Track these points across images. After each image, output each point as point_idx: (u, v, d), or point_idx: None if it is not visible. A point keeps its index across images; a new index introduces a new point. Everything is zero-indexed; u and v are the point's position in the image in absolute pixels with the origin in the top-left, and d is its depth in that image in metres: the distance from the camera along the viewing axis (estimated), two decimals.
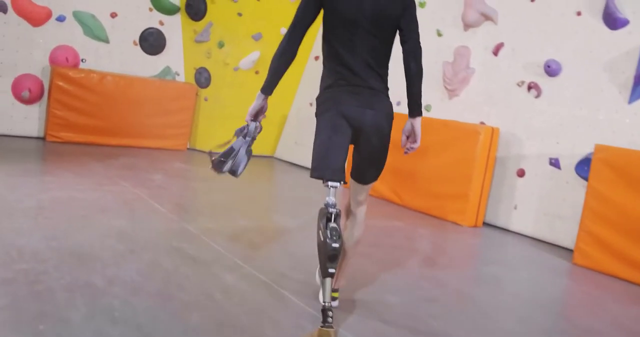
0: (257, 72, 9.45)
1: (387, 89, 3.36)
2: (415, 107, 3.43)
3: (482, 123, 7.04)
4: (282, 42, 3.22)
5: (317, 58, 9.29)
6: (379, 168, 3.35)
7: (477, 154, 6.59)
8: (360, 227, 3.45)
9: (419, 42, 3.35)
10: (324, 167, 3.14)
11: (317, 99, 3.34)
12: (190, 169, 8.21)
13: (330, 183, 3.11)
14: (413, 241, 5.61)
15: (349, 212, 3.48)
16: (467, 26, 7.31)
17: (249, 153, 3.37)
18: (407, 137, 3.45)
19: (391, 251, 5.09)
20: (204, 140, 9.75)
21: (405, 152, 3.44)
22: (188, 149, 9.77)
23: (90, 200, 5.30)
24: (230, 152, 3.32)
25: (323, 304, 2.95)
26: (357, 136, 3.21)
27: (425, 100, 7.89)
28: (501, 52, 6.97)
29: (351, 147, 3.31)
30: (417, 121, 3.42)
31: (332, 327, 2.91)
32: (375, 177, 3.39)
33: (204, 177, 7.57)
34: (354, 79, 3.18)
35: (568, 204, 6.17)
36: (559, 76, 6.39)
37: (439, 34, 7.65)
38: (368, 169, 3.34)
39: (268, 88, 3.26)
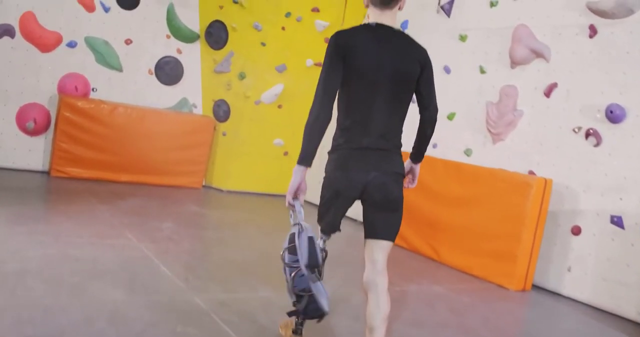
0: (279, 107, 8.78)
1: (400, 146, 3.25)
2: (418, 157, 3.51)
3: (531, 172, 6.27)
4: (313, 107, 3.07)
5: None
6: (389, 224, 3.23)
7: (527, 208, 5.80)
8: (385, 298, 3.14)
9: (437, 108, 3.36)
10: (324, 225, 3.30)
11: (328, 154, 3.25)
12: (205, 213, 7.49)
13: (323, 236, 3.31)
14: (460, 314, 4.81)
15: (369, 285, 3.17)
16: (514, 63, 6.58)
17: (315, 245, 3.14)
18: (408, 175, 3.52)
19: (438, 332, 4.30)
20: (220, 178, 9.07)
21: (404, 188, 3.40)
22: (204, 186, 9.08)
23: (86, 259, 4.57)
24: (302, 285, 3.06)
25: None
26: (362, 195, 3.16)
27: (465, 143, 7.25)
28: (554, 94, 6.22)
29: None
30: (418, 166, 3.54)
31: None
32: (387, 235, 3.22)
33: (218, 223, 6.86)
34: (365, 142, 3.12)
35: (633, 270, 5.37)
36: (623, 123, 5.62)
37: (482, 71, 6.93)
38: (377, 224, 3.21)
39: (307, 159, 3.07)
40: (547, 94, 6.25)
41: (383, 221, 3.20)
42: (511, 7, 6.73)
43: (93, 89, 8.47)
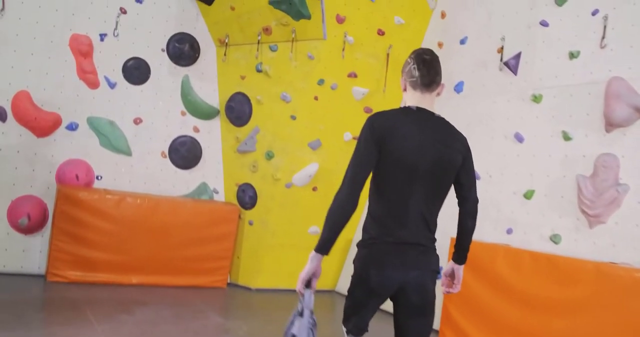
0: (314, 189, 7.50)
1: (435, 240, 3.09)
2: (462, 256, 3.29)
3: None
4: (339, 193, 2.93)
5: None
6: (424, 332, 3.09)
7: None
8: None
9: (478, 199, 3.21)
10: (352, 326, 3.08)
11: (358, 246, 3.08)
12: (230, 327, 5.99)
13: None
14: None
15: None
16: (611, 126, 5.25)
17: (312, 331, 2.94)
18: (448, 278, 3.34)
19: None
20: (248, 275, 7.74)
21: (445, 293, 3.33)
22: (229, 284, 7.73)
23: None
24: None
25: None
26: (396, 294, 3.00)
27: (551, 227, 5.62)
28: None
29: None
30: (461, 268, 3.30)
31: None
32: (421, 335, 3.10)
33: None
34: (402, 235, 2.97)
35: None
36: None
37: (567, 138, 5.61)
38: (410, 331, 3.07)
39: (325, 247, 2.94)
40: None
41: (417, 327, 3.07)
42: (598, 58, 5.47)
43: (97, 177, 7.33)
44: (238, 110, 7.76)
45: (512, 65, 6.18)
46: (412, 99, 3.09)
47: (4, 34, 6.80)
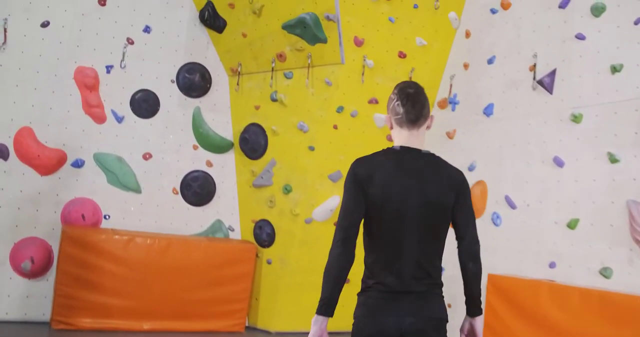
0: (336, 224, 7.00)
1: (440, 285, 2.94)
2: (473, 307, 3.03)
3: None
4: (332, 248, 2.86)
5: None
6: None
7: None
8: None
9: (477, 238, 3.00)
10: None
11: (358, 296, 2.94)
12: None
13: None
14: None
15: None
16: None
17: None
18: (465, 335, 3.06)
19: None
20: (267, 317, 7.25)
21: None
22: (247, 328, 7.25)
23: None
24: None
25: None
26: None
27: (600, 259, 4.99)
28: None
29: None
30: (478, 321, 3.03)
31: None
32: None
33: None
34: (397, 284, 2.84)
35: None
36: None
37: (613, 160, 5.10)
38: None
39: (327, 308, 2.81)
40: None
41: None
42: None
43: (105, 217, 6.94)
44: (253, 142, 7.35)
45: (546, 83, 5.70)
46: (400, 137, 2.97)
47: (5, 68, 6.55)
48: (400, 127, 2.96)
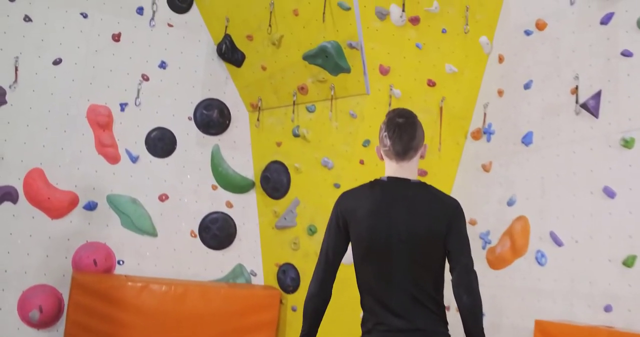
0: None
1: (445, 323, 2.78)
2: None
3: None
4: (310, 283, 2.93)
5: None
6: None
7: None
8: None
9: (472, 269, 2.79)
10: None
11: None
12: None
13: None
14: None
15: None
16: None
17: None
18: None
19: None
20: None
21: None
22: None
23: None
24: None
25: None
26: None
27: None
28: None
29: None
30: None
31: None
32: None
33: None
34: (396, 321, 2.73)
35: None
36: None
37: None
38: None
39: None
40: None
41: None
42: None
43: (119, 262, 6.53)
44: (275, 180, 6.92)
45: (591, 106, 5.19)
46: (389, 168, 2.90)
47: (16, 108, 6.27)
48: (389, 158, 2.88)
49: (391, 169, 2.90)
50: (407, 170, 2.87)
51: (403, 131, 2.84)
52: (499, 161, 6.10)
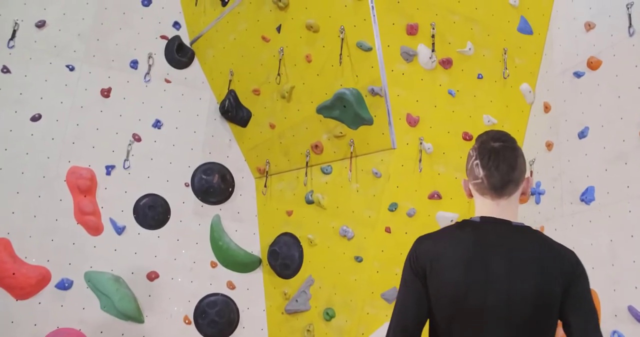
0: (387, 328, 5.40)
1: None
2: None
3: None
4: None
5: None
6: None
7: None
8: None
9: None
10: None
11: None
12: None
13: None
14: None
15: None
16: None
17: None
18: None
19: None
20: None
21: None
22: None
23: None
24: None
25: None
26: None
27: None
28: None
29: None
30: None
31: None
32: None
33: None
34: None
35: None
36: None
37: None
38: None
39: None
40: None
41: None
42: None
43: None
44: (284, 255, 5.94)
45: None
46: (482, 208, 2.39)
47: None
48: (482, 195, 2.37)
49: (485, 208, 2.39)
50: (505, 209, 2.35)
51: (501, 159, 2.34)
52: (553, 225, 5.14)
